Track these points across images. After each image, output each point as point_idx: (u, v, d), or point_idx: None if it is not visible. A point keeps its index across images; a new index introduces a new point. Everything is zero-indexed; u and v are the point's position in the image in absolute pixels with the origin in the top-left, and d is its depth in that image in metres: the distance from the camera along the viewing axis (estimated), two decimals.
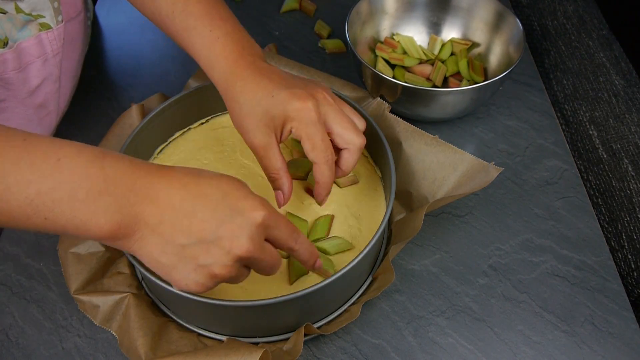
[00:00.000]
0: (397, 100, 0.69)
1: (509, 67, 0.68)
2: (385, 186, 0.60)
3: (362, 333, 0.56)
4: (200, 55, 0.53)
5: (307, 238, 0.56)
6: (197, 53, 0.54)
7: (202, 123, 0.68)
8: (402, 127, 0.62)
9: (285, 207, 0.59)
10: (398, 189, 0.62)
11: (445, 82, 0.77)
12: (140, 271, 0.53)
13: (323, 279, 0.50)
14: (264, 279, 0.54)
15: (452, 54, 0.78)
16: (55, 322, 0.57)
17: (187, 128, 0.67)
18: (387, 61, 0.78)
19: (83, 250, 0.56)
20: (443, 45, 0.79)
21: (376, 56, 0.78)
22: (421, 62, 0.78)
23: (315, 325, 0.54)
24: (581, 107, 0.78)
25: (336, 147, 0.52)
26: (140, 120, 0.63)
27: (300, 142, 0.50)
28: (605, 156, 0.72)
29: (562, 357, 0.54)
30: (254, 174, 0.62)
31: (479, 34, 0.77)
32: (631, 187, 0.68)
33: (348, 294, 0.56)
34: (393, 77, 0.70)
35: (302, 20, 0.90)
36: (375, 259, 0.59)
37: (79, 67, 0.69)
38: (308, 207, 0.59)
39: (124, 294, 0.54)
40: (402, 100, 0.68)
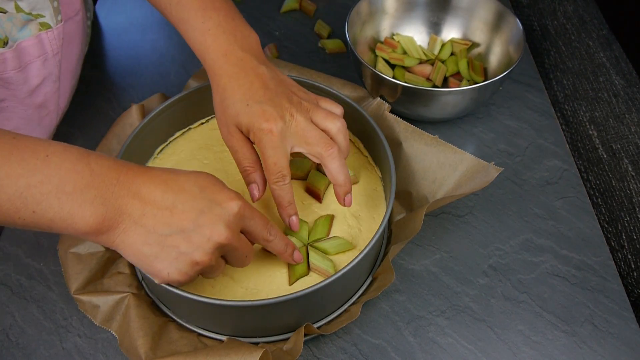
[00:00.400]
0: (397, 100, 0.69)
1: (509, 67, 0.68)
2: (385, 186, 0.60)
3: (362, 333, 0.56)
4: (194, 46, 0.55)
5: (307, 238, 0.56)
6: (191, 44, 0.56)
7: (202, 123, 0.68)
8: (402, 127, 0.62)
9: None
10: (398, 189, 0.62)
11: (445, 82, 0.77)
12: (140, 271, 0.53)
13: (323, 279, 0.50)
14: (265, 279, 0.54)
15: (452, 54, 0.78)
16: (55, 322, 0.57)
17: (187, 128, 0.67)
18: (387, 61, 0.78)
19: (83, 250, 0.56)
20: (443, 45, 0.79)
21: (376, 56, 0.78)
22: (421, 62, 0.78)
23: (315, 325, 0.54)
24: (581, 107, 0.78)
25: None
26: (140, 120, 0.63)
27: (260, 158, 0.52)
28: (605, 156, 0.72)
29: (562, 357, 0.54)
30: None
31: (479, 34, 0.77)
32: (631, 187, 0.68)
33: (348, 294, 0.56)
34: (393, 77, 0.70)
35: (302, 20, 0.90)
36: (375, 259, 0.59)
37: (79, 67, 0.69)
38: (308, 207, 0.59)
39: (124, 294, 0.54)
40: (402, 100, 0.68)
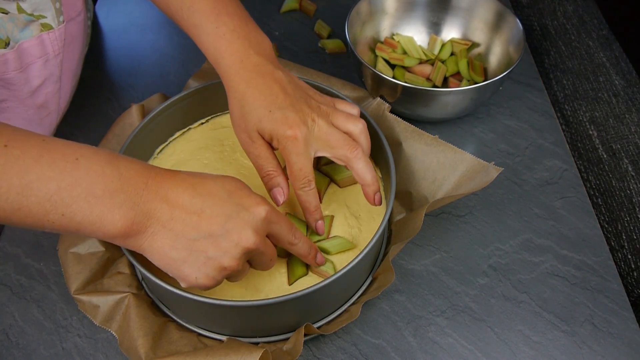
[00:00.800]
0: (397, 100, 0.69)
1: (509, 67, 0.68)
2: (385, 186, 0.60)
3: (362, 333, 0.56)
4: (207, 51, 0.54)
5: (309, 235, 0.56)
6: (204, 49, 0.55)
7: (202, 123, 0.68)
8: (402, 127, 0.62)
9: (285, 208, 0.59)
10: (398, 189, 0.62)
11: (445, 82, 0.77)
12: (140, 271, 0.53)
13: (323, 279, 0.50)
14: (264, 279, 0.54)
15: (452, 54, 0.78)
16: (55, 322, 0.57)
17: (187, 128, 0.67)
18: (387, 61, 0.78)
19: (83, 250, 0.56)
20: (443, 45, 0.79)
21: (376, 56, 0.78)
22: (421, 62, 0.78)
23: (315, 325, 0.54)
24: (581, 107, 0.78)
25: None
26: (140, 120, 0.63)
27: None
28: (605, 156, 0.72)
29: (562, 357, 0.54)
30: (254, 174, 0.62)
31: (479, 34, 0.77)
32: (631, 187, 0.68)
33: (348, 294, 0.56)
34: (393, 77, 0.70)
35: (302, 20, 0.90)
36: (375, 259, 0.59)
37: (79, 67, 0.69)
38: None
39: (124, 294, 0.54)
40: (402, 100, 0.68)
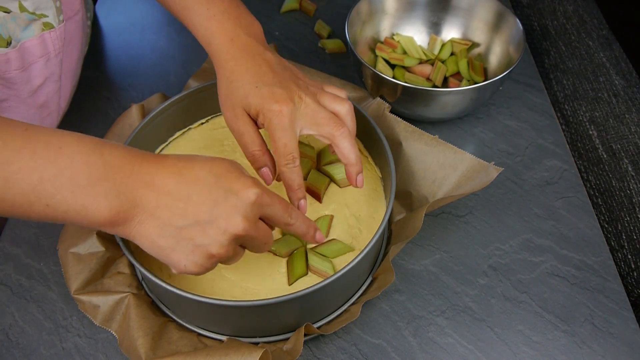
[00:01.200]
0: (397, 100, 0.69)
1: (509, 67, 0.68)
2: (385, 186, 0.60)
3: (362, 333, 0.56)
4: (198, 32, 0.55)
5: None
6: (195, 30, 0.55)
7: (202, 123, 0.68)
8: (402, 127, 0.62)
9: None
10: (398, 189, 0.62)
11: (445, 82, 0.77)
12: (140, 271, 0.53)
13: (323, 279, 0.50)
14: (264, 279, 0.54)
15: (452, 54, 0.78)
16: (55, 322, 0.57)
17: (187, 128, 0.67)
18: (387, 61, 0.78)
19: (83, 250, 0.56)
20: (443, 45, 0.79)
21: (376, 56, 0.78)
22: (421, 62, 0.78)
23: (315, 325, 0.54)
24: (581, 107, 0.78)
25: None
26: (140, 120, 0.63)
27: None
28: (605, 156, 0.72)
29: (562, 357, 0.54)
30: (253, 174, 0.62)
31: (479, 34, 0.77)
32: (631, 187, 0.68)
33: (348, 294, 0.56)
34: (393, 77, 0.70)
35: (302, 20, 0.90)
36: (375, 259, 0.59)
37: (79, 67, 0.69)
38: (308, 207, 0.59)
39: (124, 294, 0.54)
40: (402, 100, 0.68)
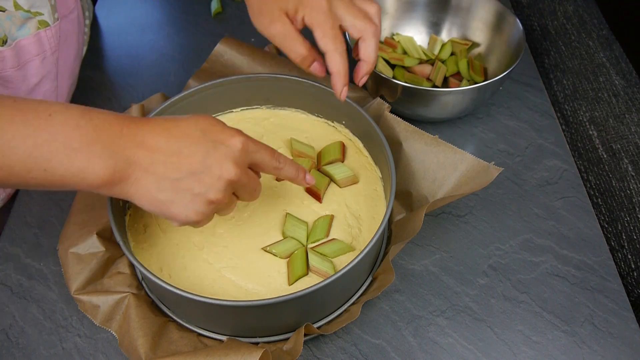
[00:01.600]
0: (397, 100, 0.69)
1: (509, 67, 0.68)
2: (385, 186, 0.60)
3: (362, 333, 0.56)
4: None
5: (308, 235, 0.56)
6: None
7: None
8: (402, 127, 0.62)
9: (285, 208, 0.59)
10: (398, 189, 0.62)
11: (445, 82, 0.77)
12: (140, 271, 0.53)
13: (323, 279, 0.50)
14: (264, 279, 0.54)
15: (452, 54, 0.78)
16: (55, 322, 0.57)
17: None
18: (387, 61, 0.78)
19: (83, 250, 0.56)
20: (443, 45, 0.79)
21: None
22: (421, 62, 0.78)
23: (315, 325, 0.54)
24: (581, 107, 0.78)
25: (353, 40, 0.55)
26: None
27: (312, 32, 0.52)
28: (605, 156, 0.72)
29: (562, 357, 0.54)
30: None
31: (479, 34, 0.77)
32: (631, 187, 0.68)
33: (348, 294, 0.56)
34: (393, 77, 0.70)
35: None
36: (375, 259, 0.59)
37: (76, 67, 0.69)
38: (308, 207, 0.59)
39: (124, 294, 0.54)
40: (402, 100, 0.68)
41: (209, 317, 0.53)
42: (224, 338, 0.54)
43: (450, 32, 0.80)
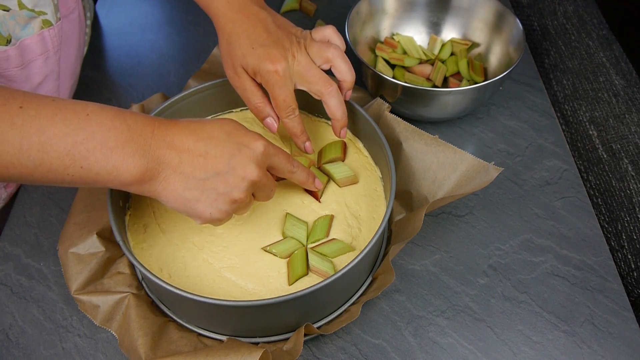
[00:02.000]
0: (397, 100, 0.69)
1: (509, 67, 0.68)
2: (385, 186, 0.60)
3: (362, 333, 0.56)
4: None
5: (308, 235, 0.56)
6: None
7: None
8: (402, 127, 0.62)
9: (285, 208, 0.59)
10: (398, 189, 0.62)
11: (445, 82, 0.77)
12: (140, 271, 0.53)
13: (323, 279, 0.50)
14: (264, 279, 0.54)
15: (452, 54, 0.78)
16: (55, 322, 0.57)
17: None
18: (387, 61, 0.78)
19: (83, 250, 0.56)
20: (443, 45, 0.79)
21: (376, 56, 0.78)
22: (421, 62, 0.78)
23: (315, 325, 0.54)
24: (581, 107, 0.78)
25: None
26: None
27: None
28: (605, 156, 0.72)
29: (562, 357, 0.54)
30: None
31: (479, 34, 0.77)
32: (631, 187, 0.68)
33: (348, 294, 0.56)
34: (393, 77, 0.70)
35: (302, 20, 0.90)
36: (375, 259, 0.59)
37: (78, 66, 0.69)
38: (308, 207, 0.59)
39: (124, 294, 0.54)
40: (402, 100, 0.68)
41: (209, 317, 0.53)
42: (224, 338, 0.54)
43: (450, 32, 0.80)
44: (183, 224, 0.57)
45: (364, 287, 0.57)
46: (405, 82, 0.65)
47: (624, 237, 0.65)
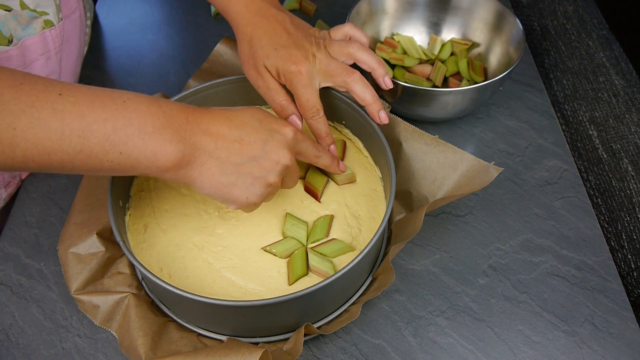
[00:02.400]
0: (397, 100, 0.69)
1: (509, 67, 0.68)
2: (385, 186, 0.60)
3: (362, 333, 0.56)
4: (216, 1, 0.59)
5: (308, 235, 0.57)
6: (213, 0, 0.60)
7: None
8: (402, 127, 0.62)
9: (285, 207, 0.59)
10: (398, 189, 0.62)
11: (445, 82, 0.77)
12: (140, 271, 0.53)
13: (323, 279, 0.50)
14: (264, 279, 0.54)
15: (452, 54, 0.78)
16: (55, 322, 0.57)
17: None
18: (387, 61, 0.78)
19: (83, 250, 0.56)
20: (443, 45, 0.79)
21: None
22: (421, 62, 0.78)
23: (315, 325, 0.54)
24: (581, 107, 0.78)
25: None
26: None
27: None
28: (605, 156, 0.72)
29: (562, 357, 0.54)
30: None
31: (479, 34, 0.77)
32: (631, 187, 0.68)
33: (348, 294, 0.56)
34: (393, 77, 0.70)
35: None
36: (375, 259, 0.59)
37: (78, 66, 0.69)
38: (308, 207, 0.59)
39: (124, 294, 0.54)
40: (402, 100, 0.68)
41: (209, 317, 0.53)
42: (224, 338, 0.54)
43: (450, 32, 0.80)
44: (183, 224, 0.57)
45: (364, 287, 0.57)
46: (405, 82, 0.65)
47: (624, 237, 0.65)
